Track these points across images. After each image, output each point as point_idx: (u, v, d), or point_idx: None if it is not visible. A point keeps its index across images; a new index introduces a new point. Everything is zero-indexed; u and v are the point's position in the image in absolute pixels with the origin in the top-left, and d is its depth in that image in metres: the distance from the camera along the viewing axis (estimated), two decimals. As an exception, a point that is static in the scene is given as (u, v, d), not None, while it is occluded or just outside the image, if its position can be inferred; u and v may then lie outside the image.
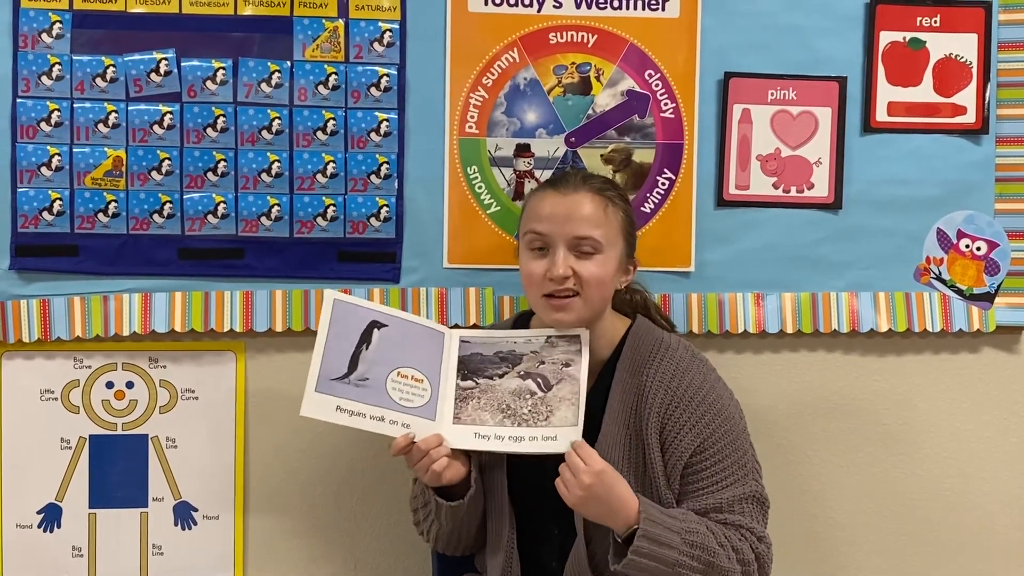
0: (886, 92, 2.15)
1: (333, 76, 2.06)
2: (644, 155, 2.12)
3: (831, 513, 2.24)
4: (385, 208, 2.09)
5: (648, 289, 1.96)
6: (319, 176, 2.07)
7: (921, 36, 2.15)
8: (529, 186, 2.10)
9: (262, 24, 2.04)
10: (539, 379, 1.75)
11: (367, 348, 1.74)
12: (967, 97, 2.16)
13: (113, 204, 2.04)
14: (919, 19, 2.14)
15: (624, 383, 1.75)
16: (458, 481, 1.73)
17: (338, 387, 1.71)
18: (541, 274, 1.72)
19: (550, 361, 1.76)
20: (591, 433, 1.73)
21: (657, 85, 2.12)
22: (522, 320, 1.90)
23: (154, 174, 2.04)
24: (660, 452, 1.71)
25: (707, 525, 1.67)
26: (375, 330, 1.75)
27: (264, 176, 2.06)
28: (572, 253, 1.71)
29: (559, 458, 1.67)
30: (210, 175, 2.05)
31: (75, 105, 2.02)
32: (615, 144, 2.12)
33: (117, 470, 2.09)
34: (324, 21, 2.05)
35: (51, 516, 2.08)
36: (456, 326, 2.09)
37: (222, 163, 2.05)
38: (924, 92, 2.16)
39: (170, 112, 2.03)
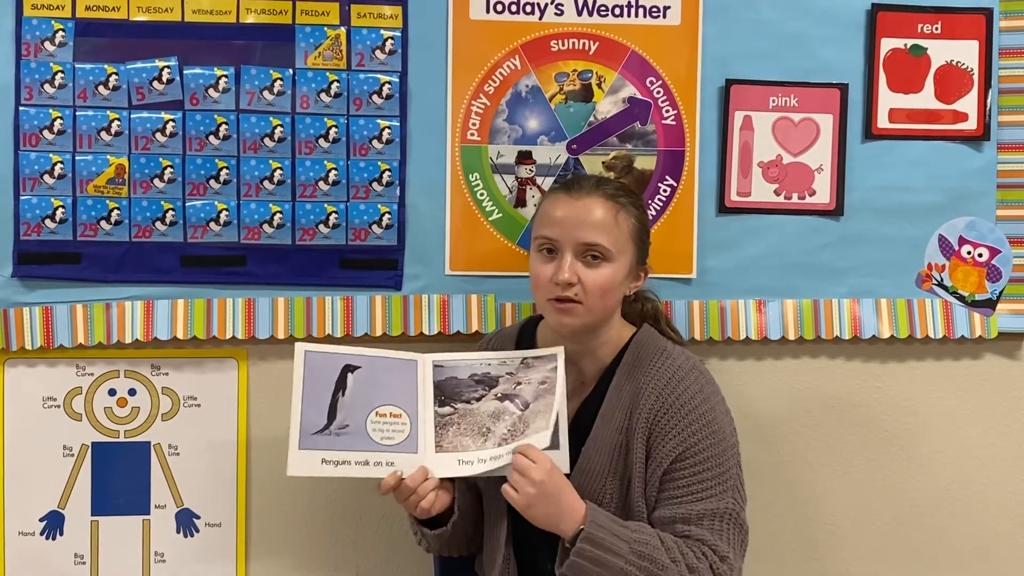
0: (887, 99, 2.15)
1: (335, 84, 2.06)
2: (645, 162, 2.13)
3: (833, 519, 2.24)
4: (387, 215, 2.09)
5: (659, 297, 1.95)
6: (321, 183, 2.07)
7: (922, 43, 2.15)
8: (531, 193, 2.11)
9: (264, 32, 2.05)
10: (517, 400, 1.74)
11: (343, 394, 1.72)
12: (968, 104, 2.16)
13: (115, 212, 2.04)
14: (920, 26, 2.15)
15: (620, 388, 1.75)
16: (448, 506, 1.75)
17: (320, 440, 1.70)
18: (548, 277, 1.72)
19: (526, 382, 1.75)
20: (583, 438, 1.73)
21: (658, 92, 2.12)
22: (529, 326, 1.90)
23: (156, 182, 2.05)
24: (644, 458, 1.70)
25: (663, 540, 1.63)
26: (349, 374, 1.73)
27: (266, 183, 2.06)
28: (580, 259, 1.71)
29: None
30: (212, 182, 2.05)
31: (78, 113, 2.03)
32: (616, 151, 2.12)
33: (119, 477, 2.09)
34: (326, 29, 2.05)
35: (53, 523, 2.08)
36: (456, 335, 2.10)
37: (224, 170, 2.05)
38: (925, 99, 2.16)
39: (172, 120, 2.04)
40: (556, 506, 1.61)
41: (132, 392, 2.10)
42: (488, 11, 2.08)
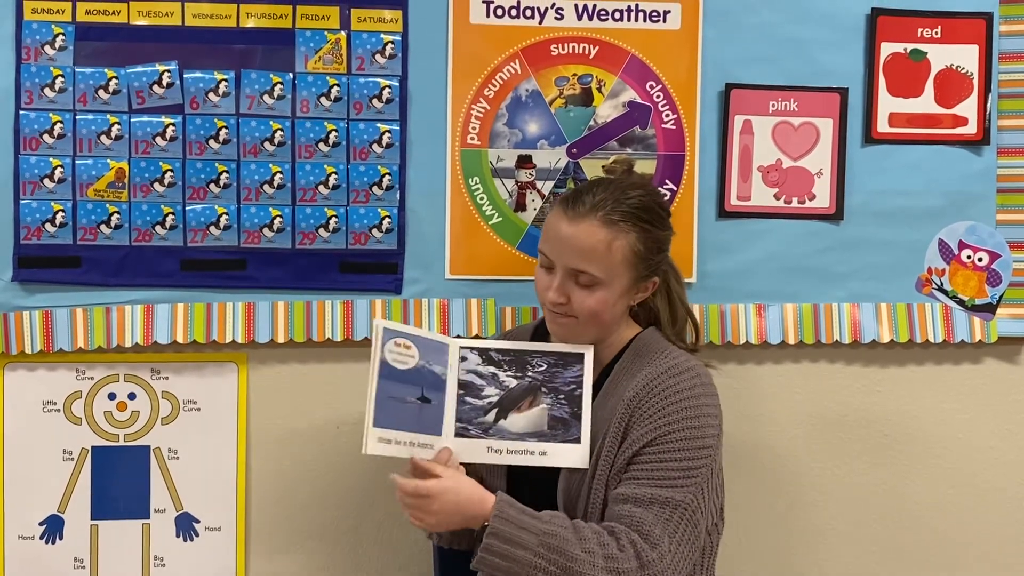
0: (887, 103, 2.15)
1: (335, 88, 2.06)
2: (645, 166, 2.13)
3: (833, 523, 2.24)
4: (387, 219, 2.09)
5: (679, 297, 1.85)
6: (321, 187, 2.07)
7: (922, 47, 2.15)
8: (531, 197, 2.11)
9: (264, 36, 2.05)
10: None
11: None
12: (968, 108, 2.16)
13: (115, 215, 2.04)
14: (920, 30, 2.15)
15: (616, 383, 1.74)
16: None
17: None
18: (544, 289, 1.73)
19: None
20: None
21: (658, 96, 2.12)
22: (543, 324, 1.87)
23: (156, 185, 2.05)
24: (617, 441, 1.67)
25: (579, 530, 1.58)
26: None
27: (266, 187, 2.06)
28: (572, 280, 1.69)
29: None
30: (212, 186, 2.06)
31: (78, 117, 2.03)
32: (616, 155, 2.12)
33: (119, 481, 2.09)
34: (326, 33, 2.06)
35: (53, 527, 2.08)
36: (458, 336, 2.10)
37: (224, 174, 2.06)
38: (925, 103, 2.16)
39: (172, 124, 2.04)
40: (461, 514, 1.62)
41: (132, 396, 2.10)
42: (488, 15, 2.09)
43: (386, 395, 1.67)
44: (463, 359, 1.77)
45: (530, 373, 1.77)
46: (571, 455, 1.72)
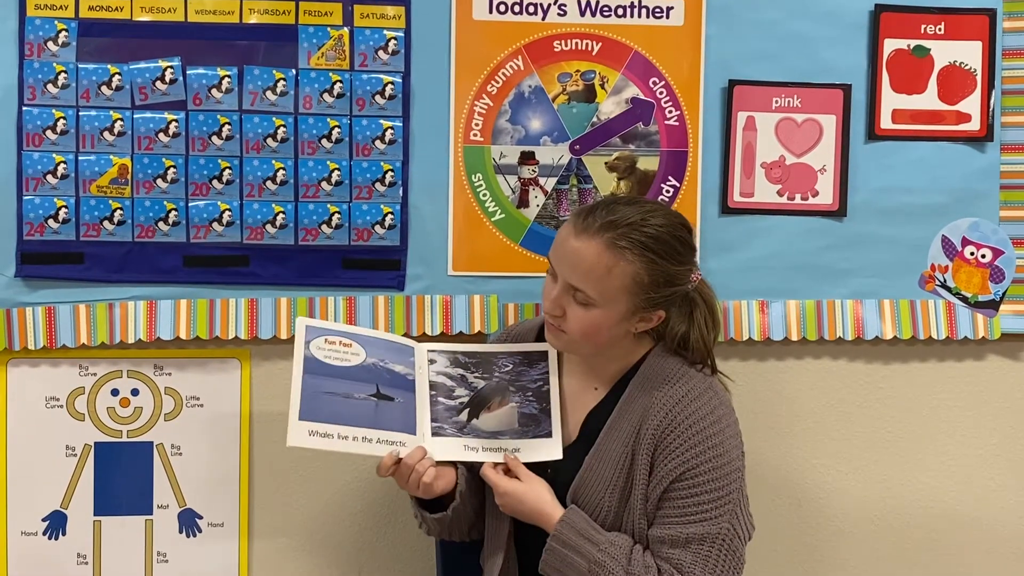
0: (891, 100, 2.15)
1: (338, 84, 2.06)
2: (648, 162, 2.13)
3: (836, 520, 2.24)
4: (390, 216, 2.09)
5: (700, 332, 1.74)
6: (324, 184, 2.07)
7: (925, 44, 2.15)
8: (533, 193, 2.11)
9: (267, 32, 2.05)
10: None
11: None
12: (972, 104, 2.16)
13: (118, 212, 2.04)
14: (923, 27, 2.15)
15: (631, 401, 1.72)
16: (450, 490, 1.76)
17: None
18: (544, 297, 1.72)
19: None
20: (588, 447, 1.73)
21: (661, 92, 2.12)
22: None
23: (159, 182, 2.05)
24: (647, 474, 1.67)
25: (631, 563, 1.63)
26: None
27: (269, 184, 2.06)
28: (569, 294, 1.66)
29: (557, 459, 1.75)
30: (215, 183, 2.06)
31: (81, 113, 2.03)
32: (619, 152, 2.12)
33: (122, 477, 2.09)
34: (329, 29, 2.06)
35: (56, 523, 2.09)
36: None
37: (227, 171, 2.06)
38: (929, 100, 2.16)
39: (175, 120, 2.04)
40: (530, 518, 1.70)
41: (135, 392, 2.10)
42: (491, 11, 2.08)
43: (319, 390, 1.71)
44: (432, 361, 1.80)
45: (497, 374, 1.80)
46: (544, 449, 1.74)
